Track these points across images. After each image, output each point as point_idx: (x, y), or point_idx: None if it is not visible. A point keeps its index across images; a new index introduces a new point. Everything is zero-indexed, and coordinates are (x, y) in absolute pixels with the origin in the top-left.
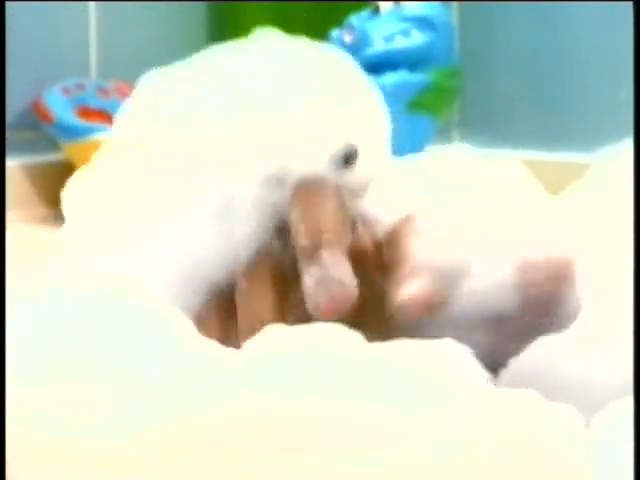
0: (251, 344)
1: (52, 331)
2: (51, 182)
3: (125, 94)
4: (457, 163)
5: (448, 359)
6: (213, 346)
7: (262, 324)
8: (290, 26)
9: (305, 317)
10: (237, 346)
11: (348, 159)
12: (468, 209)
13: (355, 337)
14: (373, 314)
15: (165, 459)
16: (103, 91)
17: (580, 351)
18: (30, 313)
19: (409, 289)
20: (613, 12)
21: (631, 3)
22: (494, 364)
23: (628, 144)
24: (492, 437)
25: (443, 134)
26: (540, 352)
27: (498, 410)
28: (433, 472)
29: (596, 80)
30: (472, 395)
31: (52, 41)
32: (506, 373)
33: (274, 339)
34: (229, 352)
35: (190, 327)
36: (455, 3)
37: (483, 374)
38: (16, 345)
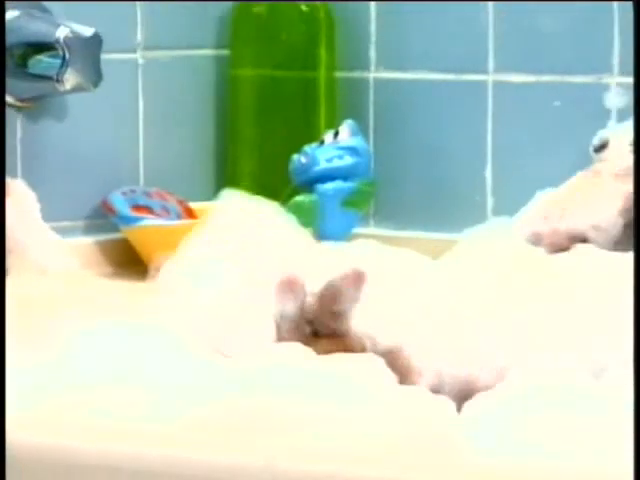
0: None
1: (112, 352)
2: (115, 251)
3: (163, 197)
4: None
5: (368, 368)
6: (221, 361)
7: None
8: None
9: None
10: None
11: None
12: None
13: (309, 352)
14: None
15: (188, 435)
16: (148, 194)
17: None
18: (96, 341)
19: None
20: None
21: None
22: None
23: (484, 227)
24: (398, 421)
25: (364, 221)
26: None
27: (401, 403)
28: (362, 441)
29: (466, 186)
30: (384, 393)
31: (115, 161)
32: None
33: (259, 352)
34: (231, 364)
35: (207, 349)
36: (371, 137)
37: (392, 378)
38: (87, 363)
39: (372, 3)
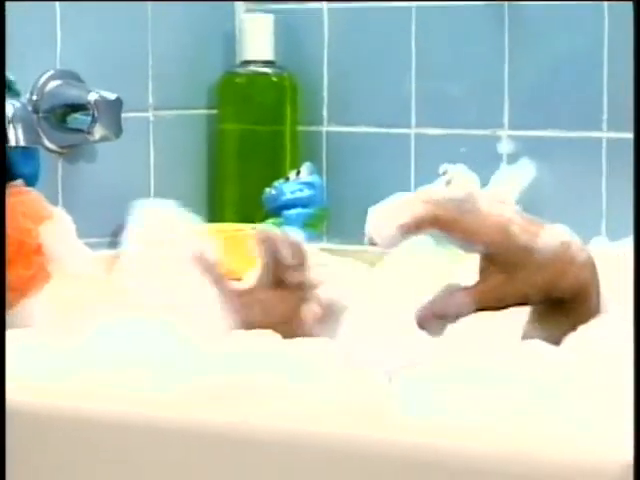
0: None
1: (125, 339)
2: None
3: None
4: None
5: (323, 349)
6: (212, 345)
7: None
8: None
9: None
10: None
11: None
12: None
13: (275, 336)
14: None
15: (184, 402)
16: None
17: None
18: (110, 331)
19: None
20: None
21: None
22: None
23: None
24: (342, 390)
25: (319, 238)
26: None
27: (345, 377)
28: (314, 406)
29: None
30: (332, 369)
31: (131, 194)
32: None
33: (238, 340)
34: (219, 348)
35: (198, 336)
36: (324, 175)
37: (340, 358)
38: (106, 347)
39: (325, 75)
